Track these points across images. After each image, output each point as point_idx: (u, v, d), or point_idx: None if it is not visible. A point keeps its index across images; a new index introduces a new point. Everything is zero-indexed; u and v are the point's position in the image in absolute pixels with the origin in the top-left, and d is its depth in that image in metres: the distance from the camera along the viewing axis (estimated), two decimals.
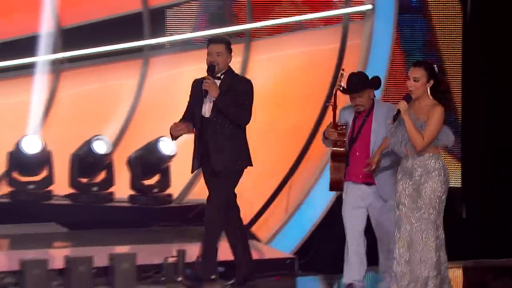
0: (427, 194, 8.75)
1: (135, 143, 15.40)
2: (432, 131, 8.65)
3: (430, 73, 8.81)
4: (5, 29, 18.60)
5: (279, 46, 15.66)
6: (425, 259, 8.81)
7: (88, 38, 17.42)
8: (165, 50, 16.94)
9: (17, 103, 17.64)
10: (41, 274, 10.99)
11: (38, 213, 15.03)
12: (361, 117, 9.50)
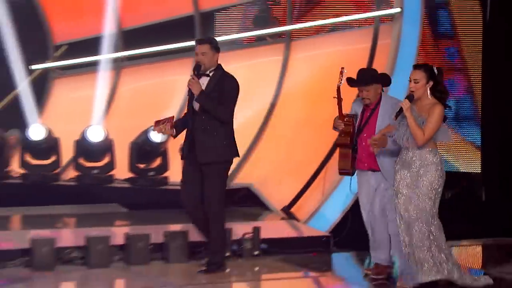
0: (425, 185, 8.78)
1: None
2: (432, 128, 8.67)
3: (429, 75, 8.84)
4: (74, 30, 18.73)
5: (316, 46, 15.64)
6: (421, 244, 8.82)
7: (146, 38, 17.48)
8: None
9: (83, 96, 17.75)
10: (104, 249, 11.13)
11: (101, 195, 15.15)
12: (368, 109, 9.54)
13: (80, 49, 18.54)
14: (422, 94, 8.83)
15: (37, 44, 19.09)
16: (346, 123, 9.51)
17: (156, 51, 17.40)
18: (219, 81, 9.82)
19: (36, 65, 19.00)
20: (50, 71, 19.12)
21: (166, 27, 17.23)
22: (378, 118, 9.48)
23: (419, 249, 8.81)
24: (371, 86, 9.50)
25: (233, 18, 17.15)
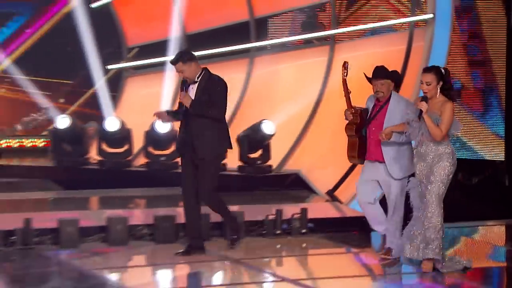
0: (439, 172, 8.69)
1: (243, 124, 15.45)
2: (447, 124, 8.61)
3: (439, 76, 8.75)
4: (144, 35, 18.85)
5: (357, 48, 15.57)
6: (432, 225, 8.73)
7: (207, 41, 17.52)
8: (267, 51, 16.93)
9: (152, 93, 17.86)
10: (170, 227, 11.15)
11: (167, 179, 15.19)
12: (378, 105, 9.40)
13: (150, 51, 18.66)
14: (435, 95, 8.77)
15: (113, 47, 19.23)
16: (354, 114, 9.43)
17: (215, 53, 17.43)
18: (207, 83, 9.65)
19: (112, 65, 19.16)
20: (124, 70, 19.29)
21: (225, 32, 17.26)
22: (387, 113, 9.32)
23: (431, 229, 8.72)
24: (385, 80, 9.38)
25: (284, 23, 17.13)
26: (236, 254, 10.52)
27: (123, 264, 10.46)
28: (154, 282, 9.92)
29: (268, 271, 9.76)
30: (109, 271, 9.98)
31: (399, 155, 9.32)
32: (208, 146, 9.65)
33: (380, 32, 15.60)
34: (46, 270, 9.95)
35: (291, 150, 15.26)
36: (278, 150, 15.07)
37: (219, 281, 9.85)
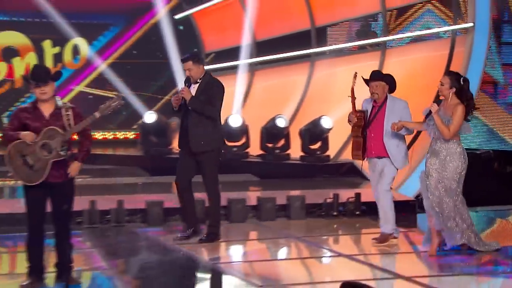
0: (451, 170, 8.54)
1: (304, 119, 15.46)
2: (456, 125, 8.43)
3: (454, 81, 8.59)
4: (220, 42, 18.94)
5: (405, 53, 15.47)
6: (448, 215, 8.63)
7: (274, 47, 17.55)
8: (325, 56, 16.92)
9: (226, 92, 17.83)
10: (242, 208, 11.22)
11: (239, 167, 15.27)
12: (376, 106, 9.17)
13: (224, 56, 18.73)
14: (448, 96, 8.61)
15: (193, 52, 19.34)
16: (359, 117, 9.20)
17: (281, 57, 17.46)
18: (207, 85, 9.49)
19: None
20: None
21: (289, 39, 17.28)
22: (385, 114, 9.10)
23: (447, 219, 8.64)
24: (380, 82, 9.19)
25: (341, 31, 17.08)
26: (298, 232, 10.56)
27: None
28: (228, 256, 9.98)
29: (326, 248, 9.78)
30: (189, 246, 10.08)
31: (399, 149, 9.15)
32: (200, 141, 9.44)
33: (425, 39, 15.47)
34: (136, 244, 10.09)
35: (347, 142, 15.21)
36: (335, 142, 15.03)
37: (283, 256, 9.90)
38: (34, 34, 18.75)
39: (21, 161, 7.51)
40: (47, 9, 18.38)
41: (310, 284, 8.37)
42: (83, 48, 19.13)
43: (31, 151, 7.48)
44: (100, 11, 19.11)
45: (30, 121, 7.54)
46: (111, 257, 9.21)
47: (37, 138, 7.49)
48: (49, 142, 7.48)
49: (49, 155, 7.48)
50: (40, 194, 7.60)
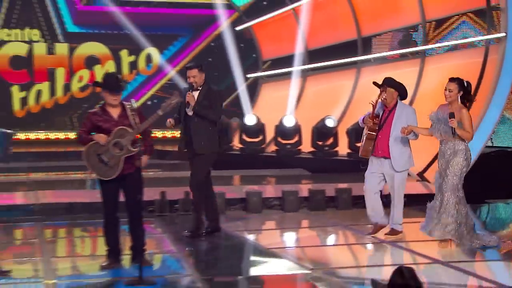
0: (453, 166, 8.35)
1: (351, 120, 15.38)
2: (469, 126, 8.25)
3: (460, 87, 8.44)
4: (276, 51, 18.96)
5: (443, 60, 15.30)
6: (447, 211, 8.46)
7: (324, 55, 17.52)
8: (370, 63, 16.82)
9: (281, 96, 17.93)
10: (294, 199, 11.23)
11: (292, 162, 15.29)
12: (386, 111, 8.95)
13: (280, 63, 18.74)
14: (454, 100, 8.44)
15: (252, 60, 19.40)
16: (375, 122, 8.97)
17: (330, 65, 17.41)
18: (207, 93, 9.26)
19: (251, 74, 19.30)
20: (260, 78, 19.39)
21: (338, 48, 17.21)
22: (394, 119, 8.89)
23: (446, 214, 8.47)
24: (389, 89, 8.94)
25: (384, 41, 16.98)
26: (345, 221, 10.52)
27: (258, 228, 10.59)
28: (282, 242, 10.00)
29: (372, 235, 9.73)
30: (247, 233, 10.12)
31: (402, 152, 8.93)
32: (202, 143, 9.22)
33: (461, 48, 15.29)
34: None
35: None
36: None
37: (332, 242, 9.90)
38: (113, 44, 18.97)
39: (97, 160, 7.68)
40: (124, 22, 18.60)
41: (356, 267, 8.35)
42: (155, 56, 19.30)
43: (105, 150, 7.64)
44: (170, 24, 19.25)
45: (102, 123, 7.70)
46: (179, 242, 9.28)
47: (109, 138, 7.64)
48: (120, 141, 7.63)
49: (121, 152, 7.62)
50: (113, 186, 7.75)
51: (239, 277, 7.92)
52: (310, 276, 7.64)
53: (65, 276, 7.81)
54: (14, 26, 18.48)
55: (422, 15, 15.20)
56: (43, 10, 18.62)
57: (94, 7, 18.88)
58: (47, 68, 18.77)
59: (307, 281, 7.65)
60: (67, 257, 8.92)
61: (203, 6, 19.20)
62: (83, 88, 18.97)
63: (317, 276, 7.70)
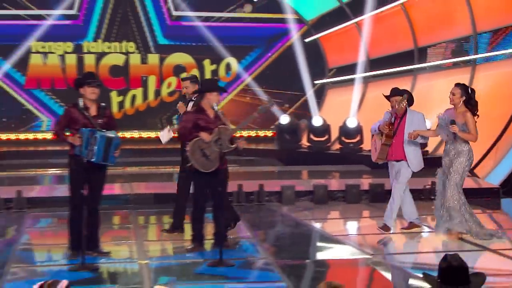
0: (456, 165, 8.12)
1: None
2: (473, 128, 8.01)
3: (464, 92, 8.16)
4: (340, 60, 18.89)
5: (493, 68, 14.95)
6: (452, 206, 8.19)
7: (383, 64, 17.37)
8: (426, 71, 16.57)
9: (345, 100, 17.84)
10: (356, 192, 11.17)
11: (354, 159, 15.18)
12: (398, 118, 8.62)
13: (344, 71, 18.66)
14: (458, 104, 8.18)
15: (319, 68, 19.36)
16: (390, 129, 8.63)
17: (389, 72, 17.24)
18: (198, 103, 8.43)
19: (318, 80, 19.26)
20: (326, 84, 19.34)
21: (396, 57, 17.04)
22: (406, 124, 8.55)
23: (452, 209, 8.24)
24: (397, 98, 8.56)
25: (438, 51, 16.70)
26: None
27: (324, 217, 10.57)
28: (345, 230, 9.96)
29: (424, 224, 9.59)
30: (314, 221, 10.12)
31: (416, 154, 8.68)
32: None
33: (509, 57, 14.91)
34: (273, 219, 10.19)
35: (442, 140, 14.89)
36: (433, 139, 14.69)
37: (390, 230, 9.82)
38: (197, 55, 19.16)
39: (200, 154, 7.74)
40: (207, 35, 18.81)
41: (412, 253, 8.26)
42: (234, 65, 19.42)
43: (207, 146, 7.72)
44: (246, 36, 19.35)
45: (202, 122, 7.77)
46: (254, 228, 9.33)
47: (211, 135, 7.72)
48: (221, 138, 7.69)
49: (222, 147, 7.67)
50: (207, 179, 7.80)
51: (307, 260, 7.93)
52: (371, 261, 7.60)
53: (155, 257, 7.94)
54: (113, 40, 18.86)
55: (474, 27, 14.91)
56: (138, 26, 18.97)
57: (182, 22, 19.13)
58: (141, 75, 19.09)
59: (367, 265, 7.61)
60: (157, 241, 9.06)
61: (276, 21, 19.25)
62: (171, 93, 19.23)
63: (377, 261, 7.66)
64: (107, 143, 7.33)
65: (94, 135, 7.29)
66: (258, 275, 7.35)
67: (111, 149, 7.38)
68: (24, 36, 18.02)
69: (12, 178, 13.39)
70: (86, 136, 7.28)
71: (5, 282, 6.74)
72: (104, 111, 7.66)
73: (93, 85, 7.58)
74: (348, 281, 7.08)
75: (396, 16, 16.87)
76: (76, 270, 7.04)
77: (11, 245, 8.31)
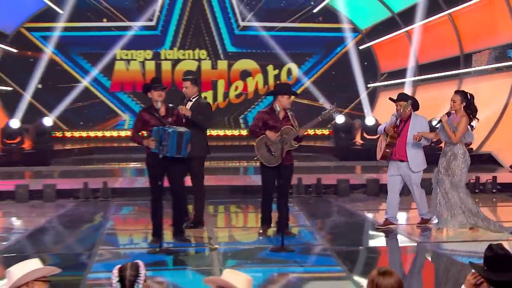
0: (453, 167, 7.85)
1: None
2: (460, 132, 7.75)
3: (463, 98, 7.87)
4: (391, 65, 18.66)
5: None
6: (452, 203, 7.91)
7: (431, 69, 17.11)
8: (471, 75, 16.18)
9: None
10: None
11: None
12: (402, 121, 8.33)
13: (395, 75, 18.44)
14: (458, 110, 7.92)
15: (372, 72, 19.18)
16: (395, 131, 8.33)
17: (437, 76, 16.98)
18: (198, 104, 8.26)
19: (371, 84, 19.08)
20: (378, 87, 19.13)
21: (443, 62, 16.76)
22: (409, 128, 8.27)
23: (454, 207, 7.94)
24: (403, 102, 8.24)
25: (483, 57, 16.29)
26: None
27: (376, 208, 10.46)
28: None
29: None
30: (367, 212, 10.04)
31: (417, 156, 8.33)
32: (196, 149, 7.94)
33: None
34: (329, 210, 10.16)
35: (486, 137, 14.55)
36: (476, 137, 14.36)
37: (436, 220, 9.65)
38: (261, 61, 19.20)
39: (266, 149, 7.83)
40: (270, 43, 18.87)
41: (459, 242, 8.12)
42: (294, 70, 19.38)
43: (273, 142, 7.79)
44: (306, 44, 19.29)
45: (270, 121, 7.87)
46: (312, 218, 9.32)
47: (277, 134, 7.79)
48: (286, 137, 7.78)
49: (285, 146, 7.75)
50: (273, 173, 7.88)
51: (360, 247, 7.89)
52: (419, 248, 7.51)
53: (223, 242, 8.02)
54: (187, 48, 19.07)
55: None
56: (209, 35, 19.13)
57: (248, 32, 19.22)
58: (211, 80, 19.26)
59: (416, 252, 7.51)
60: (225, 227, 9.14)
61: (333, 30, 19.14)
62: (238, 96, 19.34)
63: (428, 248, 7.56)
64: (179, 137, 7.32)
65: (167, 131, 7.31)
66: (316, 260, 7.35)
67: (183, 142, 7.39)
68: (110, 45, 18.42)
69: (99, 171, 13.69)
70: (160, 133, 7.30)
71: (93, 262, 6.92)
72: (172, 111, 7.73)
73: (158, 89, 7.63)
74: (398, 267, 7.01)
75: (444, 25, 16.57)
76: (154, 253, 7.18)
77: (98, 230, 8.53)
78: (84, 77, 18.55)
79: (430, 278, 6.88)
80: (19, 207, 10.20)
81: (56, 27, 17.96)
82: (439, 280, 6.71)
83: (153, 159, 7.49)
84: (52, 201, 10.45)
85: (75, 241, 8.20)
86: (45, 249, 7.59)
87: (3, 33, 17.75)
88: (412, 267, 7.29)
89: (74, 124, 18.62)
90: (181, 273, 6.80)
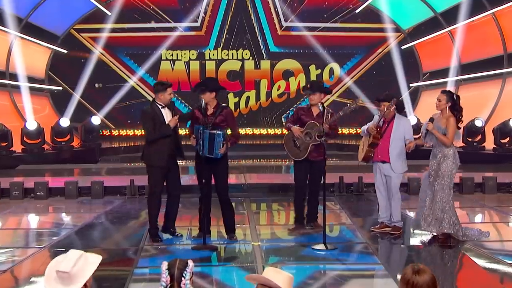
0: (443, 169, 7.54)
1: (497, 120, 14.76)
2: (451, 133, 7.48)
3: (449, 98, 7.61)
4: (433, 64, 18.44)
5: None
6: (442, 207, 7.63)
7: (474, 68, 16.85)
8: None
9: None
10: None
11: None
12: (386, 121, 8.09)
13: (437, 74, 18.22)
14: (443, 109, 7.65)
15: (414, 72, 18.97)
16: (378, 131, 8.11)
17: (480, 76, 16.70)
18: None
19: (413, 83, 18.87)
20: (420, 87, 18.91)
21: (487, 61, 16.46)
22: (392, 129, 8.02)
23: (440, 211, 7.69)
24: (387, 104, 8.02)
25: None
26: (490, 203, 10.09)
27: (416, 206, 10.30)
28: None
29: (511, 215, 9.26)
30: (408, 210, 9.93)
31: (399, 158, 8.07)
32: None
33: None
34: (370, 208, 10.08)
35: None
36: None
37: (479, 220, 9.54)
38: (304, 61, 19.17)
39: (292, 144, 8.12)
40: (313, 43, 18.84)
41: (498, 241, 7.99)
42: (336, 69, 19.28)
43: (298, 137, 8.10)
44: (348, 44, 19.18)
45: (304, 116, 8.15)
46: (354, 216, 9.28)
47: (302, 129, 8.05)
48: (311, 132, 8.03)
49: (310, 140, 8.02)
50: (304, 167, 8.13)
51: (402, 245, 7.83)
52: (462, 247, 7.42)
53: (266, 239, 8.05)
54: (231, 48, 19.16)
55: None
56: (252, 36, 19.18)
57: (290, 32, 19.21)
58: (254, 79, 19.31)
59: (459, 251, 7.43)
60: (268, 225, 9.18)
61: (375, 30, 18.97)
62: (281, 95, 19.35)
63: (467, 247, 7.47)
64: (210, 139, 7.37)
65: (202, 131, 7.38)
66: (358, 258, 7.33)
67: (215, 144, 7.39)
68: (156, 46, 18.66)
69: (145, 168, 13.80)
70: (198, 132, 7.42)
71: (140, 257, 7.03)
72: (221, 110, 7.70)
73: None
74: (439, 265, 6.94)
75: (487, 24, 16.27)
76: (198, 249, 7.25)
77: (144, 226, 8.65)
78: (131, 77, 18.84)
79: (466, 277, 6.81)
80: (69, 203, 10.43)
81: (104, 28, 18.28)
82: (473, 279, 6.63)
83: (197, 156, 7.62)
84: (99, 198, 10.65)
85: (122, 237, 8.35)
86: (93, 245, 7.74)
87: (54, 34, 18.12)
88: (454, 267, 7.20)
89: (121, 123, 18.91)
90: (224, 269, 6.85)
